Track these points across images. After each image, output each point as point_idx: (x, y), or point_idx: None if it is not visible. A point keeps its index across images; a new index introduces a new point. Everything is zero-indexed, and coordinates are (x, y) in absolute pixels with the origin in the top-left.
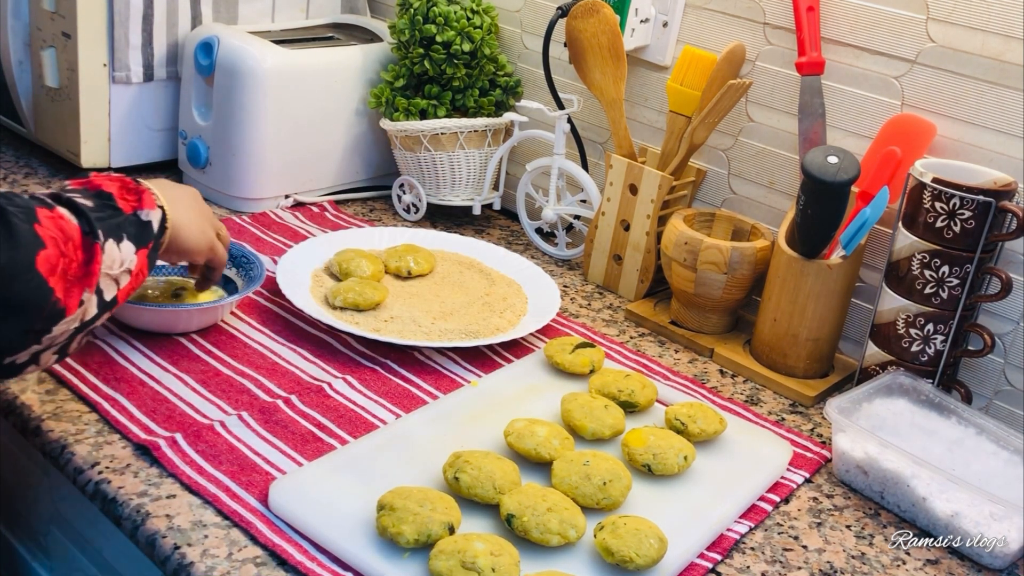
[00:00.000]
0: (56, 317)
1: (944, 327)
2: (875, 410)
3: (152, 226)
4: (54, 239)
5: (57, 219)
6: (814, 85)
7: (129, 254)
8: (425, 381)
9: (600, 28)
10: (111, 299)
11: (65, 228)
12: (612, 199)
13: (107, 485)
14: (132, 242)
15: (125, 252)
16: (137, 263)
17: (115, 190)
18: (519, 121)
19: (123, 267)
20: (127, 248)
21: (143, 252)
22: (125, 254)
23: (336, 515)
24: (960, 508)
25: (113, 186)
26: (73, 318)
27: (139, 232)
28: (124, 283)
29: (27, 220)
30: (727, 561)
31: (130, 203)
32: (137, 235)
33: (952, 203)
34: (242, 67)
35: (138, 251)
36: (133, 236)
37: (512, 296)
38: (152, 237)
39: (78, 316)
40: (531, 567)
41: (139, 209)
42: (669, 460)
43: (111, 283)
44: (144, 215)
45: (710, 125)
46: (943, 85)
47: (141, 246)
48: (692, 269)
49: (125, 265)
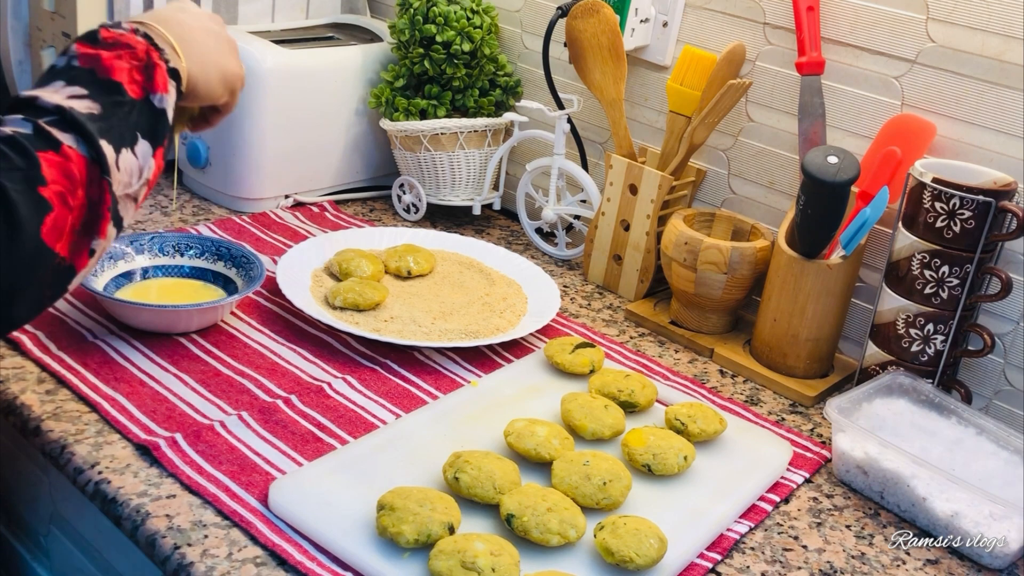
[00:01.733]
0: (66, 278)
1: (944, 327)
2: (875, 410)
3: (167, 115)
4: (60, 195)
5: (62, 163)
6: (814, 85)
7: (146, 158)
8: (425, 381)
9: (600, 28)
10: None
11: (71, 171)
12: (612, 199)
13: (107, 485)
14: (147, 140)
15: (142, 156)
16: (154, 167)
17: (125, 77)
18: (519, 121)
19: (141, 179)
20: (143, 150)
21: (160, 152)
22: (143, 159)
23: (336, 515)
24: (960, 508)
25: (123, 71)
26: (87, 269)
27: (154, 125)
28: (143, 195)
29: (29, 185)
30: (727, 561)
31: (140, 84)
32: (152, 129)
33: (952, 203)
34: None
35: (155, 152)
36: (147, 132)
37: (512, 296)
38: (167, 130)
39: (92, 264)
40: (531, 567)
41: (152, 93)
42: (669, 460)
43: (129, 203)
44: (157, 100)
45: (710, 125)
46: (943, 85)
47: (157, 144)
48: (692, 269)
49: (144, 175)
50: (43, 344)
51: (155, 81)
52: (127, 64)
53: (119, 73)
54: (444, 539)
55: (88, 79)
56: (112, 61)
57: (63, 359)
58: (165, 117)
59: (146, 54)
